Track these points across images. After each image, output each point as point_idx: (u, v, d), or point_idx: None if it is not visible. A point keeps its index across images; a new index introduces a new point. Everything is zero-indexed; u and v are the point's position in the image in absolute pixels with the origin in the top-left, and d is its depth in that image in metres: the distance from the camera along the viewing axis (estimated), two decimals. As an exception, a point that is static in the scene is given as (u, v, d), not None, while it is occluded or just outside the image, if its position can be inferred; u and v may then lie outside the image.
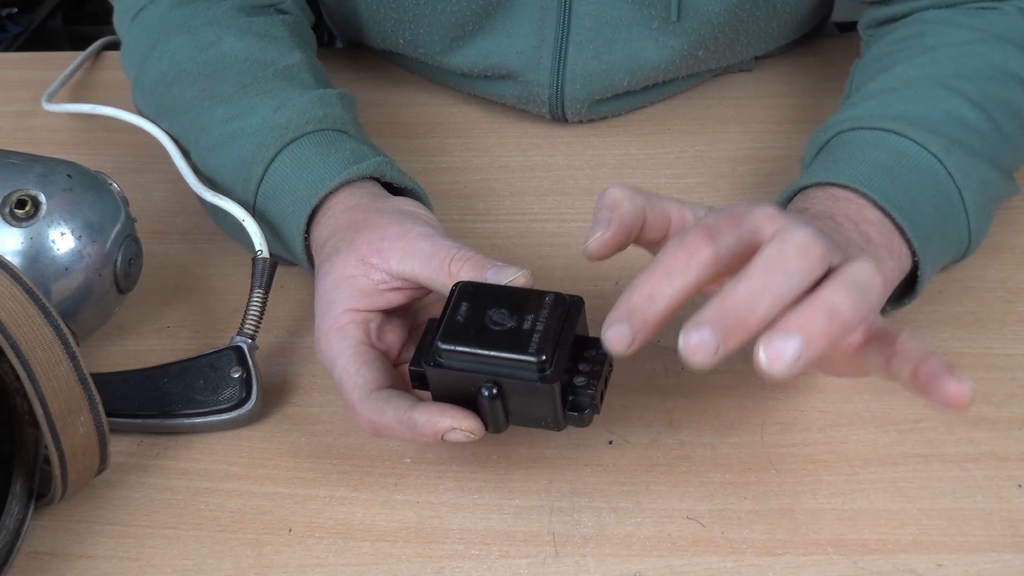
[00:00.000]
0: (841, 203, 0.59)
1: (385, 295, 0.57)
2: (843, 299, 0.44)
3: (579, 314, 0.52)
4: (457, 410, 0.52)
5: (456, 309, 0.51)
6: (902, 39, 0.71)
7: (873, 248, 0.57)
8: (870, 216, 0.59)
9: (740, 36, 0.80)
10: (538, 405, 0.50)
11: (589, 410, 0.51)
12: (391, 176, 0.65)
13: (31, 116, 0.87)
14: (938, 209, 0.61)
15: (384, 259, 0.57)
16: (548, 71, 0.78)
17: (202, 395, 0.61)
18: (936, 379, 0.45)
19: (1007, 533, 0.54)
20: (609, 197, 0.51)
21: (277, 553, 0.55)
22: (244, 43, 0.72)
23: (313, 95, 0.69)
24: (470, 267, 0.54)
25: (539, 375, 0.49)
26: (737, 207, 0.49)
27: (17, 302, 0.52)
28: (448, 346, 0.50)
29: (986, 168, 0.63)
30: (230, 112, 0.69)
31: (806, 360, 0.44)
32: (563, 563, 0.54)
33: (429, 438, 0.52)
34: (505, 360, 0.49)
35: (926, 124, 0.63)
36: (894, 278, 0.59)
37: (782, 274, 0.45)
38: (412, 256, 0.56)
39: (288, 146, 0.65)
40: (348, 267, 0.57)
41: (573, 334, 0.51)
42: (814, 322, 0.44)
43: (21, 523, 0.54)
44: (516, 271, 0.53)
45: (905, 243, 0.59)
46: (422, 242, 0.56)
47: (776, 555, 0.53)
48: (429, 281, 0.56)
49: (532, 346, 0.49)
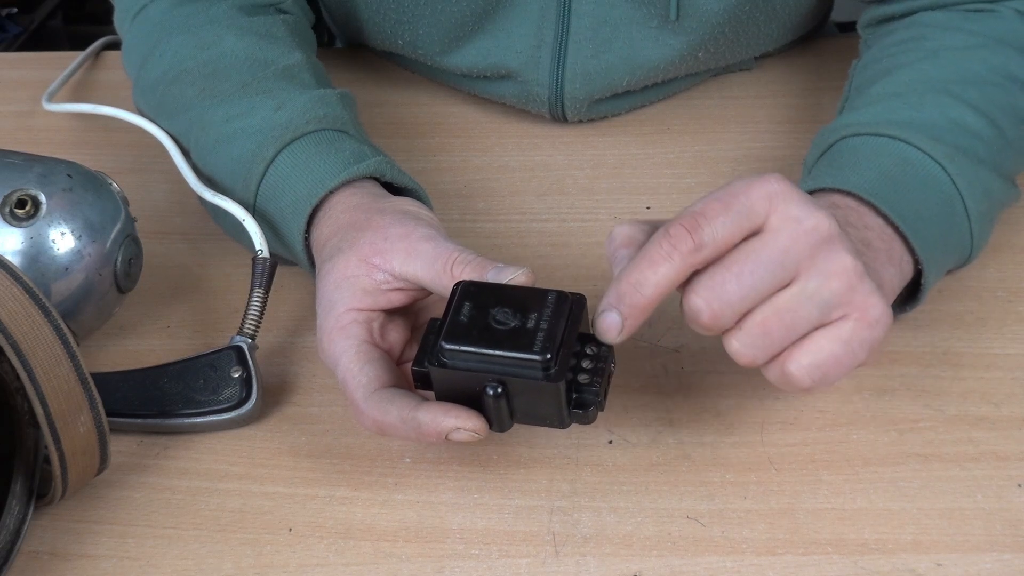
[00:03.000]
0: (842, 210, 0.59)
1: (387, 295, 0.57)
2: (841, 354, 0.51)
3: (582, 312, 0.52)
4: (461, 410, 0.52)
5: (459, 309, 0.51)
6: (902, 42, 0.71)
7: (872, 253, 0.57)
8: (870, 222, 0.59)
9: (740, 36, 0.80)
10: (543, 403, 0.50)
11: (594, 407, 0.51)
12: (391, 176, 0.65)
13: (31, 116, 0.87)
14: (941, 217, 0.61)
15: (387, 260, 0.57)
16: (547, 71, 0.78)
17: (202, 395, 0.61)
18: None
19: (1007, 533, 0.54)
20: (620, 236, 0.52)
21: (277, 553, 0.55)
22: (245, 43, 0.72)
23: (313, 95, 0.69)
24: (471, 270, 0.54)
25: (544, 374, 0.49)
26: (735, 185, 0.50)
27: (17, 302, 0.52)
28: (452, 346, 0.50)
29: (989, 175, 0.63)
30: (230, 111, 0.69)
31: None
32: (563, 563, 0.54)
33: (433, 438, 0.52)
34: (510, 359, 0.49)
35: (931, 131, 0.63)
36: (896, 284, 0.59)
37: (756, 274, 0.49)
38: (415, 258, 0.56)
39: (288, 146, 0.65)
40: (350, 267, 0.57)
41: (576, 332, 0.51)
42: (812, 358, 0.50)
43: (21, 523, 0.54)
44: (516, 269, 0.53)
45: (907, 250, 0.59)
46: (425, 244, 0.56)
47: (776, 555, 0.53)
48: (431, 283, 0.56)
49: (536, 345, 0.49)
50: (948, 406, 0.60)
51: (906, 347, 0.63)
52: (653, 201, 0.75)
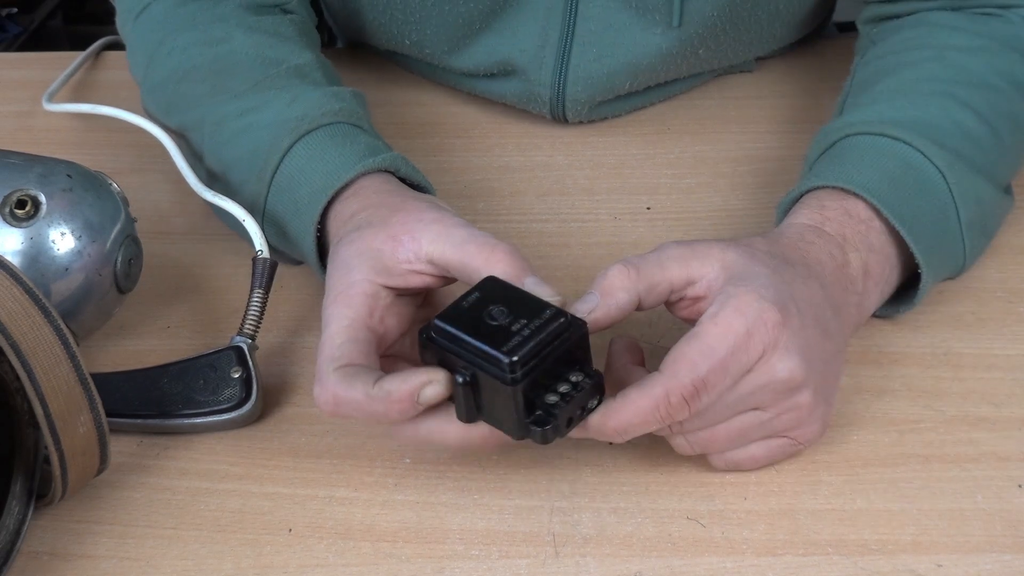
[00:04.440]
0: (853, 222, 0.60)
1: (405, 276, 0.56)
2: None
3: (577, 336, 0.51)
4: (429, 368, 0.52)
5: (469, 295, 0.52)
6: (907, 40, 0.71)
7: (866, 282, 0.59)
8: (874, 243, 0.60)
9: (741, 37, 0.80)
10: (503, 406, 0.50)
11: (551, 428, 0.50)
12: (405, 172, 0.65)
13: (31, 116, 0.87)
14: (936, 224, 0.62)
15: (416, 238, 0.56)
16: (550, 71, 0.78)
17: (202, 395, 0.61)
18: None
19: (1007, 533, 0.54)
20: (606, 282, 0.54)
21: (277, 553, 0.55)
22: (254, 40, 0.72)
23: (327, 91, 0.69)
24: (511, 262, 0.54)
25: (507, 374, 0.49)
26: (737, 334, 0.51)
27: (17, 302, 0.52)
28: (442, 325, 0.51)
29: (983, 184, 0.64)
30: (244, 106, 0.69)
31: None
32: (563, 563, 0.54)
33: (405, 402, 0.51)
34: (481, 352, 0.50)
35: (934, 135, 0.63)
36: (871, 307, 0.62)
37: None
38: (446, 240, 0.56)
39: (304, 137, 0.65)
40: (377, 240, 0.57)
41: (562, 352, 0.51)
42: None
43: (21, 523, 0.54)
44: (552, 294, 0.53)
45: (900, 262, 0.61)
46: (459, 229, 0.56)
47: (776, 555, 0.53)
48: (459, 265, 0.55)
49: (507, 345, 0.49)
50: (948, 407, 0.60)
51: (906, 348, 0.63)
52: (653, 201, 0.75)
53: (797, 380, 0.52)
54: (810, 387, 0.53)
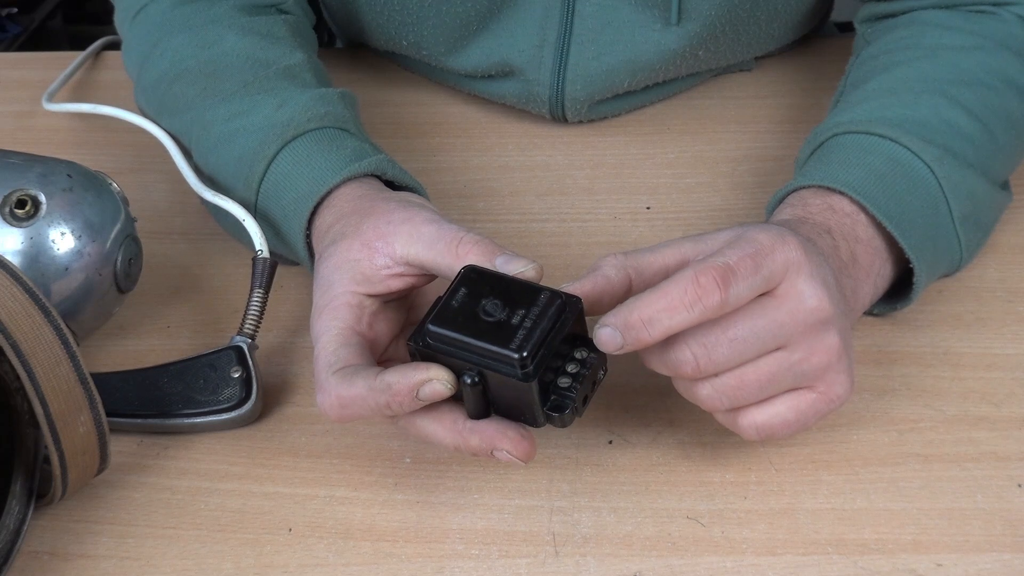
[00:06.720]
0: (837, 215, 0.60)
1: (385, 281, 0.56)
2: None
3: (574, 314, 0.51)
4: (431, 364, 0.51)
5: (454, 293, 0.51)
6: (901, 39, 0.71)
7: (856, 270, 0.59)
8: (860, 234, 0.60)
9: (741, 36, 0.80)
10: (518, 400, 0.50)
11: (569, 411, 0.50)
12: (393, 174, 0.65)
13: (31, 116, 0.87)
14: (926, 219, 0.62)
15: (389, 243, 0.56)
16: (549, 71, 0.78)
17: (202, 395, 0.61)
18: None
19: (1007, 533, 0.54)
20: (595, 263, 0.53)
21: (277, 553, 0.55)
22: (246, 42, 0.72)
23: (315, 93, 0.69)
24: (479, 250, 0.54)
25: (520, 371, 0.49)
26: (760, 239, 0.50)
27: (17, 302, 0.52)
28: (437, 329, 0.50)
29: (976, 179, 0.64)
30: (232, 110, 0.69)
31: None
32: (563, 563, 0.54)
33: (405, 396, 0.51)
34: (488, 352, 0.49)
35: (922, 132, 0.63)
36: (867, 301, 0.61)
37: (752, 343, 0.50)
38: (417, 240, 0.56)
39: (290, 143, 0.65)
40: (353, 251, 0.57)
41: (564, 334, 0.50)
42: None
43: (21, 523, 0.54)
44: (526, 263, 0.53)
45: (891, 257, 0.61)
46: (428, 226, 0.56)
47: (776, 555, 0.53)
48: (434, 264, 0.55)
49: (515, 342, 0.49)
50: (948, 406, 0.60)
51: (906, 347, 0.64)
52: (653, 201, 0.75)
53: (825, 311, 0.51)
54: (836, 327, 0.52)
